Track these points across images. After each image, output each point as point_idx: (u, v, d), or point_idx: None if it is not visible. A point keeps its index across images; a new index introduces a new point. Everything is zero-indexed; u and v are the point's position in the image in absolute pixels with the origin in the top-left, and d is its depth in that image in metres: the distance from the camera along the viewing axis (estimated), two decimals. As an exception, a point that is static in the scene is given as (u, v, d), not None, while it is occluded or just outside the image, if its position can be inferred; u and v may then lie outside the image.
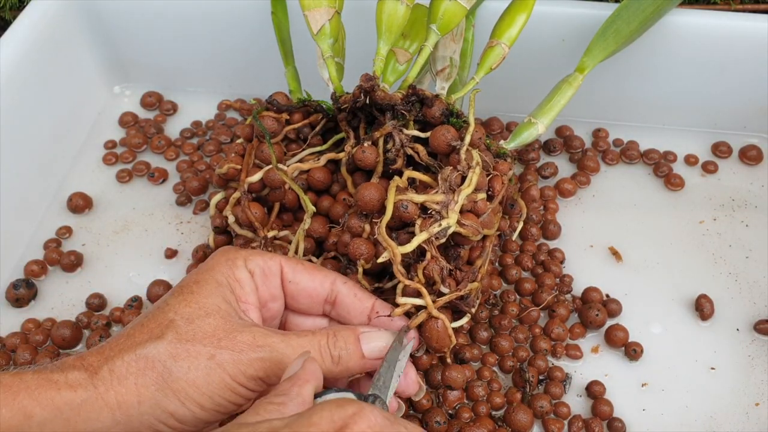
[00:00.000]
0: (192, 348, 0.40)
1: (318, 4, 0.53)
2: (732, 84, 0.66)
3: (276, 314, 0.47)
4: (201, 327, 0.41)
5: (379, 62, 0.53)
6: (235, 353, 0.40)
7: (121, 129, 0.72)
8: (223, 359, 0.40)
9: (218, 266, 0.44)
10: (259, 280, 0.45)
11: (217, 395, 0.40)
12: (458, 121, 0.51)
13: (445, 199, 0.47)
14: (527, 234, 0.61)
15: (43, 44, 0.65)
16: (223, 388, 0.40)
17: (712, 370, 0.54)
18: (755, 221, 0.63)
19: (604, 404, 0.51)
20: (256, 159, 0.55)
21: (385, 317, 0.46)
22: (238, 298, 0.44)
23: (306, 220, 0.51)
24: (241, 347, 0.41)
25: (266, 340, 0.41)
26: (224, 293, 0.43)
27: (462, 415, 0.50)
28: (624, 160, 0.68)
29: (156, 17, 0.69)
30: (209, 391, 0.40)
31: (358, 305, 0.46)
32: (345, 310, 0.46)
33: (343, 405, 0.35)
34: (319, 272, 0.46)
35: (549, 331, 0.55)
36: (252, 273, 0.44)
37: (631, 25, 0.59)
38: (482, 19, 0.62)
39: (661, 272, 0.60)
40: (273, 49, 0.63)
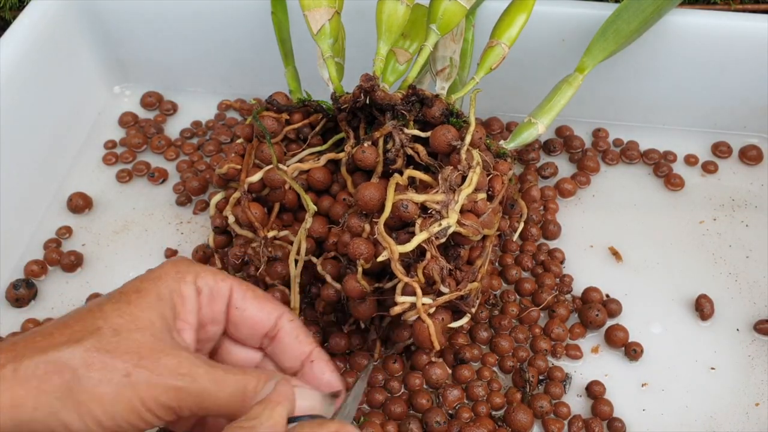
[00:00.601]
0: (109, 361, 0.37)
1: (318, 4, 0.53)
2: (732, 84, 0.66)
3: (212, 338, 0.44)
4: (126, 340, 0.38)
5: (379, 62, 0.53)
6: (153, 375, 0.37)
7: (121, 129, 0.72)
8: (138, 379, 0.37)
9: (165, 277, 0.42)
10: (205, 300, 0.43)
11: (121, 416, 0.37)
12: (458, 121, 0.51)
13: (445, 198, 0.47)
14: (527, 234, 0.61)
15: (43, 44, 0.65)
16: (129, 410, 0.37)
17: (712, 370, 0.54)
18: (755, 221, 0.63)
19: (604, 404, 0.51)
20: (256, 159, 0.55)
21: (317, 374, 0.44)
22: (177, 315, 0.41)
23: (308, 219, 0.51)
24: (161, 371, 0.38)
25: (191, 369, 0.38)
26: (163, 309, 0.40)
27: (462, 415, 0.50)
28: (624, 160, 0.68)
29: (156, 17, 0.69)
30: (114, 410, 0.37)
31: (297, 348, 0.44)
32: (281, 350, 0.44)
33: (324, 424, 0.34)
34: (267, 303, 0.44)
35: (549, 331, 0.55)
36: (199, 291, 0.42)
37: (631, 25, 0.59)
38: (482, 19, 0.62)
39: (661, 272, 0.60)
40: (273, 49, 0.63)
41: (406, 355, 0.54)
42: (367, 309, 0.49)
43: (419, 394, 0.51)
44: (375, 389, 0.52)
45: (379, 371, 0.53)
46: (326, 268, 0.51)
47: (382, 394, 0.52)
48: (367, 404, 0.52)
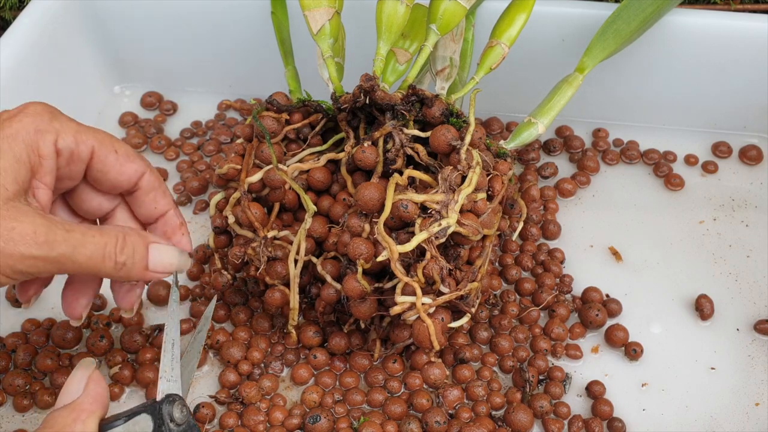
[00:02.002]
0: None
1: (318, 4, 0.53)
2: (732, 84, 0.66)
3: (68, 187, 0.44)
4: None
5: (379, 62, 0.53)
6: (8, 246, 0.37)
7: (121, 129, 0.72)
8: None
9: (24, 133, 0.39)
10: (64, 162, 0.42)
11: None
12: (458, 121, 0.51)
13: (445, 198, 0.47)
14: (527, 234, 0.61)
15: (43, 44, 0.65)
16: None
17: (712, 370, 0.54)
18: (755, 221, 0.63)
19: (604, 404, 0.51)
20: (256, 159, 0.55)
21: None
22: (33, 174, 0.40)
23: (307, 219, 0.51)
24: (17, 240, 0.37)
25: (47, 236, 0.38)
26: (19, 171, 0.39)
27: (462, 415, 0.50)
28: (624, 160, 0.68)
29: (156, 17, 0.70)
30: None
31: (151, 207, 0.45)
32: (138, 204, 0.46)
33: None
34: (130, 164, 0.44)
35: (549, 331, 0.55)
36: (59, 152, 0.41)
37: (631, 25, 0.59)
38: (482, 19, 0.62)
39: (661, 272, 0.60)
40: (273, 49, 0.63)
41: (406, 355, 0.54)
42: (367, 309, 0.49)
43: (419, 394, 0.51)
44: (375, 389, 0.52)
45: (379, 371, 0.53)
46: (326, 268, 0.51)
47: (382, 394, 0.52)
48: (367, 404, 0.52)
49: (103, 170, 0.43)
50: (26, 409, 0.52)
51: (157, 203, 0.46)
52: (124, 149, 0.44)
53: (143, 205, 0.46)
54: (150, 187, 0.46)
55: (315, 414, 0.50)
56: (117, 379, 0.53)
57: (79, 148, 0.42)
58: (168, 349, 0.41)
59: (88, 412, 0.37)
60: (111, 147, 0.43)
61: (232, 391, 0.53)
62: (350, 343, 0.54)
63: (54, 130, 0.41)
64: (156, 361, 0.54)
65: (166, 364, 0.41)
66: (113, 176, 0.44)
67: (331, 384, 0.53)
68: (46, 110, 0.42)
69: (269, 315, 0.56)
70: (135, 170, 0.45)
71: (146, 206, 0.46)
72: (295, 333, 0.54)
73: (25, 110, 0.41)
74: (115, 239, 0.41)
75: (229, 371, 0.53)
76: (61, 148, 0.41)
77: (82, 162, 0.43)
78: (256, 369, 0.54)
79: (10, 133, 0.39)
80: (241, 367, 0.53)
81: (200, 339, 0.46)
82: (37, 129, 0.40)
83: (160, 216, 0.47)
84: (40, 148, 0.40)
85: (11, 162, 0.39)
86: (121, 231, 0.42)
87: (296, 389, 0.53)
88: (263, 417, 0.51)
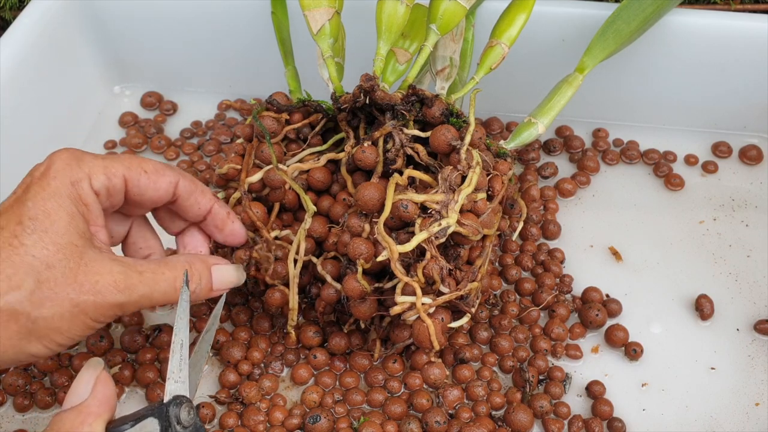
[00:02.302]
0: (54, 295, 0.39)
1: (318, 4, 0.53)
2: (732, 84, 0.66)
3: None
4: (62, 272, 0.40)
5: (379, 62, 0.53)
6: (97, 298, 0.41)
7: (121, 129, 0.72)
8: (86, 306, 0.40)
9: (63, 188, 0.42)
10: (104, 199, 0.44)
11: (77, 334, 0.41)
12: (458, 120, 0.51)
13: (445, 198, 0.47)
14: (527, 234, 0.61)
15: (43, 44, 0.65)
16: (83, 328, 0.41)
17: (712, 370, 0.54)
18: (755, 221, 0.63)
19: (604, 404, 0.51)
20: (256, 159, 0.55)
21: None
22: (87, 223, 0.43)
23: (307, 219, 0.51)
24: (103, 292, 0.41)
25: (127, 282, 0.42)
26: (77, 226, 0.41)
27: (462, 415, 0.50)
28: (624, 160, 0.68)
29: (156, 17, 0.70)
30: (71, 333, 0.41)
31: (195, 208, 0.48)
32: (182, 210, 0.48)
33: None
34: (162, 179, 0.46)
35: (549, 331, 0.55)
36: (98, 194, 0.43)
37: (631, 25, 0.59)
38: (482, 19, 0.62)
39: (661, 272, 0.60)
40: (273, 49, 0.63)
41: (406, 355, 0.54)
42: (367, 309, 0.49)
43: (419, 394, 0.51)
44: (375, 389, 0.52)
45: (379, 371, 0.53)
46: (326, 268, 0.51)
47: (382, 394, 0.52)
48: (367, 404, 0.52)
49: (139, 192, 0.45)
50: (26, 409, 0.52)
51: (200, 203, 0.48)
52: (152, 166, 0.46)
53: (188, 209, 0.48)
54: (188, 192, 0.48)
55: (315, 414, 0.50)
56: (117, 379, 0.53)
57: (112, 182, 0.44)
58: (176, 350, 0.41)
59: (95, 415, 0.38)
60: (140, 169, 0.45)
61: (232, 391, 0.53)
62: (350, 343, 0.54)
63: (85, 174, 0.43)
64: (156, 362, 0.54)
65: (175, 365, 0.41)
66: (150, 194, 0.46)
67: (331, 384, 0.53)
68: (71, 157, 0.43)
69: (269, 315, 0.56)
70: (168, 182, 0.46)
71: (191, 209, 0.48)
72: (295, 333, 0.54)
73: (53, 164, 0.42)
74: (183, 271, 0.45)
75: (229, 371, 0.53)
76: (98, 189, 0.43)
77: (118, 192, 0.45)
78: (256, 369, 0.54)
79: (52, 192, 0.41)
80: (241, 367, 0.53)
81: (208, 339, 0.45)
82: (73, 180, 0.42)
83: (206, 213, 0.49)
84: (82, 198, 0.42)
85: (67, 220, 0.41)
86: (186, 261, 0.46)
87: (296, 389, 0.53)
88: (263, 417, 0.51)
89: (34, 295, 0.39)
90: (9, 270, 0.39)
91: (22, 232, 0.40)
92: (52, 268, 0.40)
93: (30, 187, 0.42)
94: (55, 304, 0.40)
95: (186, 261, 0.46)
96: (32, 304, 0.39)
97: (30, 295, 0.39)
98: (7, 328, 0.39)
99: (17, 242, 0.40)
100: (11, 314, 0.39)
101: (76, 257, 0.41)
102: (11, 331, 0.39)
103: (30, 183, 0.42)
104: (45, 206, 0.41)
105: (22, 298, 0.39)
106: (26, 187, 0.42)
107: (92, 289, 0.40)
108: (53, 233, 0.40)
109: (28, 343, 0.40)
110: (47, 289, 0.39)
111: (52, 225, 0.40)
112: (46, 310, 0.39)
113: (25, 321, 0.39)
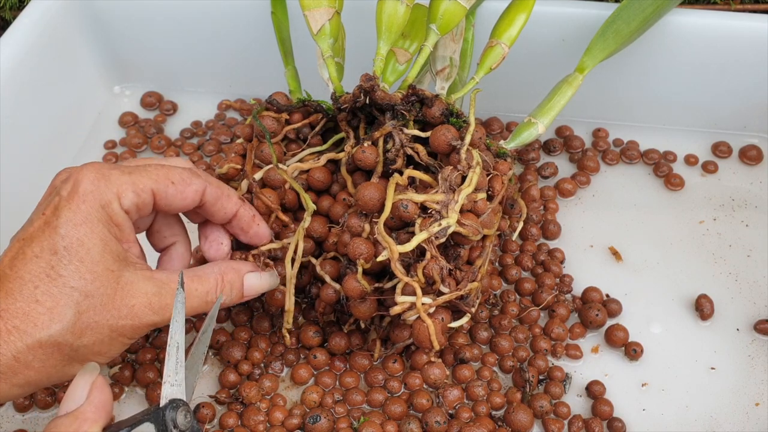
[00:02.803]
0: (95, 324, 0.41)
1: (318, 4, 0.53)
2: (732, 84, 0.66)
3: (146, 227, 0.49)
4: (100, 300, 0.41)
5: (379, 62, 0.53)
6: (134, 321, 0.42)
7: (121, 129, 0.72)
8: (124, 330, 0.42)
9: (94, 213, 0.41)
10: (134, 215, 0.44)
11: (116, 353, 0.43)
12: (458, 120, 0.51)
13: (445, 198, 0.47)
14: (527, 234, 0.61)
15: (43, 44, 0.65)
16: (121, 347, 0.43)
17: (712, 370, 0.54)
18: (755, 221, 0.63)
19: (604, 404, 0.51)
20: (256, 159, 0.55)
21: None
22: (120, 241, 0.43)
23: (306, 218, 0.51)
24: (140, 315, 0.42)
25: (161, 302, 0.43)
26: (111, 249, 0.42)
27: (462, 415, 0.50)
28: (624, 160, 0.68)
29: (156, 17, 0.69)
30: (111, 353, 0.43)
31: (221, 212, 0.49)
32: (210, 214, 0.49)
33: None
34: (189, 188, 0.46)
35: (549, 331, 0.55)
36: (128, 212, 0.43)
37: (631, 25, 0.59)
38: (482, 19, 0.62)
39: (661, 272, 0.60)
40: (273, 49, 0.63)
41: (406, 355, 0.54)
42: (367, 309, 0.49)
43: (419, 394, 0.51)
44: (375, 389, 0.52)
45: (379, 371, 0.53)
46: (326, 269, 0.51)
47: (382, 394, 0.52)
48: (367, 404, 0.52)
49: (168, 203, 0.45)
50: (26, 409, 0.52)
51: (226, 208, 0.49)
52: (179, 176, 0.46)
53: (215, 213, 0.49)
54: (214, 198, 0.48)
55: (315, 414, 0.50)
56: (117, 379, 0.53)
57: (141, 198, 0.44)
58: (172, 352, 0.41)
59: (91, 421, 0.38)
60: (167, 180, 0.45)
61: (232, 391, 0.53)
62: (350, 343, 0.54)
63: (114, 195, 0.42)
64: (156, 361, 0.54)
65: (171, 368, 0.41)
66: (178, 204, 0.46)
67: (331, 384, 0.53)
68: (98, 175, 0.43)
69: (269, 315, 0.56)
70: (195, 191, 0.46)
71: (218, 214, 0.49)
72: (290, 337, 0.53)
73: (80, 184, 0.42)
74: (215, 285, 0.46)
75: (229, 371, 0.53)
76: (128, 208, 0.43)
77: (147, 206, 0.45)
78: (256, 369, 0.54)
79: (83, 218, 0.41)
80: (241, 367, 0.53)
81: (205, 340, 0.45)
82: (103, 203, 0.42)
83: (233, 216, 0.49)
84: (113, 219, 0.43)
85: (101, 246, 0.41)
86: (219, 273, 0.47)
87: (296, 389, 0.53)
88: (263, 417, 0.51)
89: (75, 326, 0.40)
90: (49, 302, 0.39)
91: (59, 263, 0.40)
92: (91, 297, 0.40)
93: (59, 210, 0.41)
94: (96, 332, 0.41)
95: (219, 272, 0.47)
96: (74, 335, 0.40)
97: (72, 327, 0.40)
98: (51, 357, 0.40)
99: (54, 273, 0.40)
100: (54, 346, 0.40)
101: (113, 283, 0.41)
102: (55, 360, 0.40)
103: (59, 205, 0.41)
104: (78, 234, 0.41)
105: (63, 329, 0.40)
106: (55, 210, 0.41)
107: (129, 313, 0.42)
108: (89, 262, 0.41)
109: (70, 368, 0.41)
110: (87, 318, 0.40)
111: (88, 254, 0.41)
112: (86, 338, 0.41)
113: (68, 350, 0.40)
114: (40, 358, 0.39)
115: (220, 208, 0.48)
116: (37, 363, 0.39)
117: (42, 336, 0.39)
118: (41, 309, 0.39)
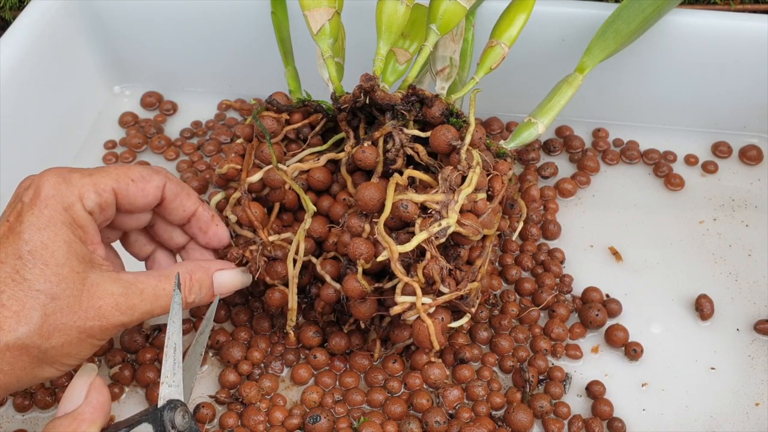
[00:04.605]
0: (62, 326, 0.41)
1: (318, 4, 0.53)
2: (732, 84, 0.66)
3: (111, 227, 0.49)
4: (66, 302, 0.41)
5: (379, 62, 0.53)
6: (102, 322, 0.42)
7: (121, 129, 0.72)
8: (92, 330, 0.42)
9: (57, 215, 0.42)
10: (98, 215, 0.44)
11: (86, 354, 0.43)
12: (458, 120, 0.51)
13: (445, 198, 0.47)
14: (527, 234, 0.61)
15: (43, 44, 0.65)
16: (91, 348, 0.43)
17: (712, 370, 0.54)
18: (755, 221, 0.63)
19: (604, 404, 0.51)
20: (256, 159, 0.55)
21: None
22: (85, 243, 0.43)
23: (307, 219, 0.51)
24: (107, 316, 0.42)
25: (128, 303, 0.43)
26: (76, 251, 0.42)
27: (462, 415, 0.50)
28: (624, 160, 0.68)
29: (156, 17, 0.69)
30: (80, 355, 0.42)
31: (180, 211, 0.49)
32: (167, 213, 0.49)
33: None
34: (149, 184, 0.46)
35: (549, 331, 0.55)
36: (91, 213, 0.44)
37: (631, 25, 0.59)
38: (482, 19, 0.62)
39: (661, 272, 0.60)
40: (273, 49, 0.63)
41: (406, 355, 0.54)
42: (367, 309, 0.49)
43: (419, 394, 0.51)
44: (375, 389, 0.52)
45: (379, 371, 0.53)
46: (326, 268, 0.51)
47: (382, 394, 0.52)
48: (367, 404, 0.52)
49: (130, 201, 0.46)
50: (26, 409, 0.52)
51: (185, 205, 0.49)
52: (138, 173, 0.46)
53: (173, 211, 0.49)
54: (173, 194, 0.48)
55: (315, 414, 0.50)
56: (117, 379, 0.53)
57: (104, 198, 0.44)
58: (170, 353, 0.41)
59: (89, 422, 0.38)
60: (127, 178, 0.45)
61: (232, 391, 0.53)
62: (350, 343, 0.54)
63: (76, 196, 0.43)
64: (156, 361, 0.54)
65: (168, 369, 0.41)
66: (140, 201, 0.46)
67: (331, 384, 0.53)
68: (59, 179, 0.43)
69: (269, 315, 0.56)
70: (156, 186, 0.47)
71: (176, 211, 0.49)
72: (294, 334, 0.54)
73: (41, 189, 0.42)
74: (185, 284, 0.46)
75: (229, 371, 0.53)
76: (91, 209, 0.43)
77: (110, 206, 0.45)
78: (256, 369, 0.54)
79: (46, 221, 0.41)
80: (241, 367, 0.53)
81: (202, 341, 0.46)
82: (65, 206, 0.42)
83: (191, 216, 0.49)
84: (77, 221, 0.43)
85: (66, 249, 0.41)
86: (187, 272, 0.46)
87: (296, 389, 0.53)
88: (263, 417, 0.51)
89: (42, 328, 0.40)
90: (15, 306, 0.39)
91: (23, 267, 0.40)
92: (57, 299, 0.40)
93: (22, 216, 0.41)
94: (63, 334, 0.41)
95: (186, 271, 0.47)
96: (41, 337, 0.40)
97: (38, 329, 0.40)
98: (20, 360, 0.40)
99: (20, 277, 0.40)
100: (22, 348, 0.40)
101: (79, 284, 0.41)
102: (24, 362, 0.40)
103: (21, 211, 0.42)
104: (42, 238, 0.41)
105: (30, 332, 0.40)
106: (18, 216, 0.42)
107: (96, 314, 0.42)
108: (54, 264, 0.41)
109: (40, 370, 0.41)
110: (54, 320, 0.40)
111: (52, 256, 0.41)
112: (54, 340, 0.40)
113: (36, 352, 0.40)
114: (8, 362, 0.39)
115: (179, 206, 0.49)
116: (6, 366, 0.40)
117: (9, 339, 0.39)
118: (7, 313, 0.39)
